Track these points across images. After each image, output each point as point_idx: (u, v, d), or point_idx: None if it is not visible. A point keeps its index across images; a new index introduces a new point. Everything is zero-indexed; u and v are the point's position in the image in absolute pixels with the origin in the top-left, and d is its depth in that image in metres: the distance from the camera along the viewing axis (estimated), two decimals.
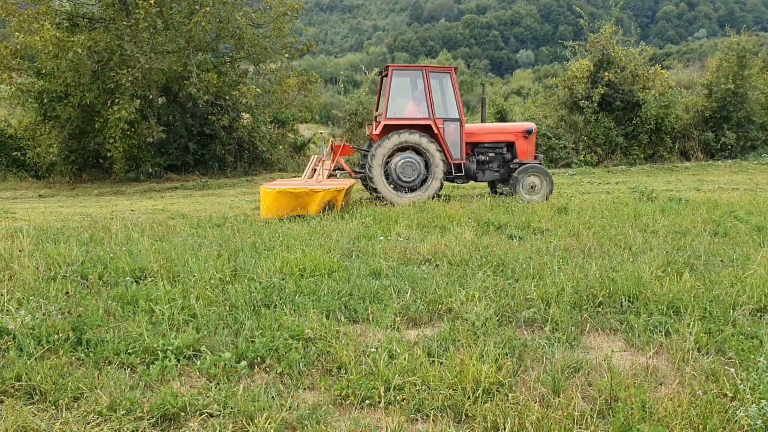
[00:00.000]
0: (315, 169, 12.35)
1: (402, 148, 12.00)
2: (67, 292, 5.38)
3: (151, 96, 18.44)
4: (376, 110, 13.62)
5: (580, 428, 3.31)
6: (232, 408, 3.56)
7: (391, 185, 12.13)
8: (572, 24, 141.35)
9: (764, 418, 3.25)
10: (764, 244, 7.49)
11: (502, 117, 21.34)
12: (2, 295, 5.15)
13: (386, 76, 12.70)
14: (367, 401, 3.68)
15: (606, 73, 20.41)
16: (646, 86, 20.93)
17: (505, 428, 3.30)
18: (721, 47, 22.79)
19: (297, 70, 21.28)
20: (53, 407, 3.58)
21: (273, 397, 3.73)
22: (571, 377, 3.97)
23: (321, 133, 15.11)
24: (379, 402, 3.64)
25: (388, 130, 11.99)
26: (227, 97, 19.24)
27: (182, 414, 3.53)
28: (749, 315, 5.00)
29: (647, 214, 9.74)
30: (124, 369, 4.11)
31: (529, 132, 13.11)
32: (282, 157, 20.52)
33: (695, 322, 4.73)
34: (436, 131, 12.15)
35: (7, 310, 4.82)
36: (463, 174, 12.57)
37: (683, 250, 7.10)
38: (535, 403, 3.54)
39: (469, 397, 3.63)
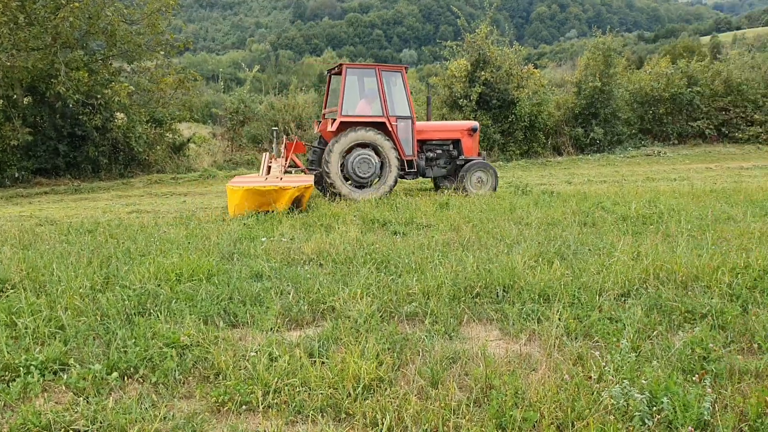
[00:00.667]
0: (270, 166, 12.23)
1: (358, 145, 12.18)
2: None
3: (15, 95, 17.20)
4: (325, 108, 13.78)
5: (456, 418, 3.39)
6: (101, 422, 3.37)
7: (348, 182, 12.26)
8: (452, 24, 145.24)
9: (626, 398, 3.46)
10: (628, 232, 8.00)
11: None
12: None
13: (337, 74, 12.87)
14: (245, 407, 3.60)
15: (483, 73, 21.11)
16: (521, 85, 21.83)
17: (384, 424, 3.33)
18: (588, 47, 24.14)
19: (176, 67, 20.54)
20: None
21: (146, 408, 3.57)
22: (449, 368, 4.06)
23: (275, 129, 15.01)
24: (258, 406, 3.57)
25: (345, 127, 12.12)
26: (99, 96, 18.27)
27: None
28: (613, 300, 5.31)
29: (522, 207, 10.16)
30: None
31: (473, 130, 13.58)
32: (160, 158, 19.76)
33: (565, 309, 4.98)
34: (390, 129, 12.36)
35: None
36: (415, 170, 12.87)
37: (554, 241, 7.46)
38: (414, 396, 3.60)
39: (349, 395, 3.63)
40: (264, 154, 13.12)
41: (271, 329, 4.75)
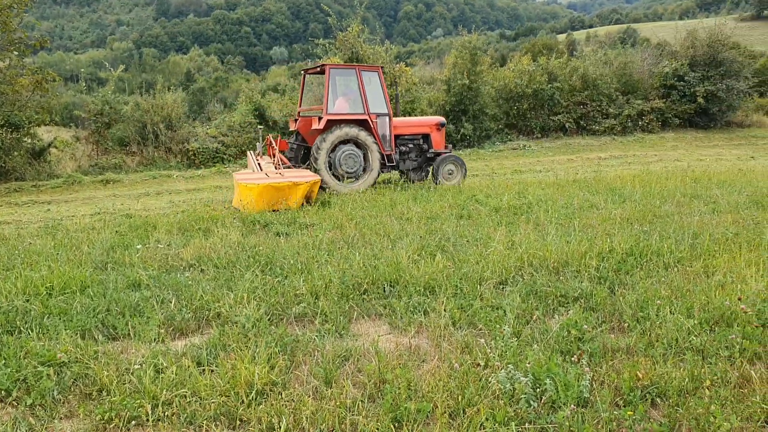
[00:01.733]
0: (260, 164, 12.46)
1: (343, 141, 12.80)
2: None
3: None
4: (300, 105, 14.50)
5: (352, 415, 3.42)
6: None
7: (335, 176, 12.80)
8: (322, 22, 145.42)
9: (512, 382, 3.63)
10: (501, 223, 8.37)
11: (260, 114, 21.25)
12: None
13: (315, 73, 13.83)
14: (134, 422, 3.44)
15: None
16: (394, 83, 22.22)
17: (280, 427, 3.30)
18: (455, 45, 24.92)
19: (31, 68, 19.13)
20: None
21: None
22: (341, 366, 4.09)
23: (260, 127, 15.23)
24: (147, 421, 3.42)
25: (331, 124, 12.64)
26: None
27: None
28: (493, 288, 5.55)
29: (402, 202, 10.36)
30: None
31: (441, 125, 14.27)
32: (18, 165, 18.33)
33: (449, 300, 5.15)
34: (371, 125, 12.98)
35: None
36: (393, 164, 13.50)
37: (435, 234, 7.68)
38: (309, 397, 3.59)
39: (242, 402, 3.57)
40: (249, 153, 13.48)
41: (155, 340, 4.56)
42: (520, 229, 7.84)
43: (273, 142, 13.47)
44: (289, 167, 12.59)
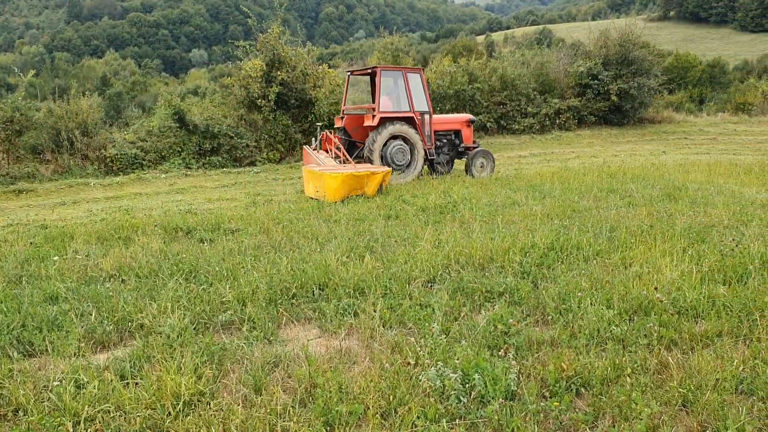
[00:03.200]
0: (324, 154, 13.76)
1: (394, 137, 13.92)
2: None
3: None
4: (344, 104, 15.65)
5: (283, 421, 3.38)
6: None
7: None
8: (242, 24, 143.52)
9: (442, 379, 3.67)
10: (428, 222, 8.47)
11: (180, 118, 20.74)
12: None
13: (362, 74, 15.58)
14: None
15: (278, 73, 21.04)
16: (317, 85, 22.10)
17: None
18: (378, 47, 25.08)
19: None
20: None
21: None
22: (271, 373, 4.03)
23: (318, 125, 16.71)
24: None
25: (383, 121, 13.74)
26: None
27: None
28: (422, 287, 5.61)
29: (329, 204, 10.33)
30: None
31: (471, 122, 15.68)
32: None
33: (378, 300, 5.16)
34: (416, 122, 14.19)
35: None
36: (433, 157, 14.68)
37: (363, 235, 7.69)
38: (239, 405, 3.52)
39: (169, 414, 3.47)
40: (305, 147, 14.63)
41: (75, 354, 4.38)
42: (447, 227, 7.95)
43: (330, 138, 14.53)
44: (343, 161, 13.65)
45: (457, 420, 3.39)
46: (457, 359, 3.87)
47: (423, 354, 4.04)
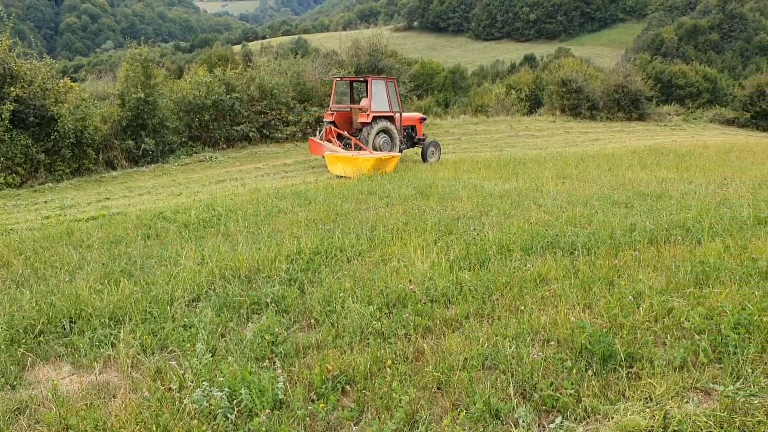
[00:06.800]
0: (339, 143, 17.95)
1: (382, 130, 18.03)
2: None
3: None
4: (332, 104, 19.50)
5: None
6: None
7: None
8: None
9: (208, 398, 3.56)
10: (191, 239, 8.17)
11: None
12: None
13: (352, 81, 20.81)
14: None
15: (12, 89, 18.99)
16: (59, 100, 20.30)
17: None
18: (125, 58, 23.64)
19: None
20: None
21: None
22: (15, 422, 3.61)
23: (324, 121, 19.25)
24: None
25: (375, 119, 17.80)
26: None
27: None
28: (185, 307, 5.40)
29: (80, 229, 9.52)
30: None
31: (423, 119, 20.73)
32: None
33: (138, 326, 4.87)
34: (394, 119, 18.48)
35: None
36: (404, 146, 19.21)
37: (119, 259, 7.19)
38: None
39: None
40: (311, 138, 19.25)
41: None
42: (210, 242, 7.75)
43: (333, 131, 18.21)
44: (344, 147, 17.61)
45: None
46: (223, 376, 3.78)
47: (188, 376, 3.89)
